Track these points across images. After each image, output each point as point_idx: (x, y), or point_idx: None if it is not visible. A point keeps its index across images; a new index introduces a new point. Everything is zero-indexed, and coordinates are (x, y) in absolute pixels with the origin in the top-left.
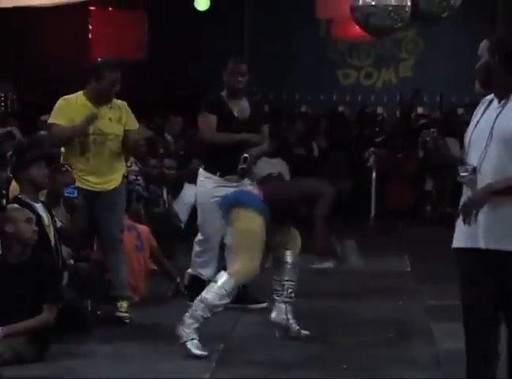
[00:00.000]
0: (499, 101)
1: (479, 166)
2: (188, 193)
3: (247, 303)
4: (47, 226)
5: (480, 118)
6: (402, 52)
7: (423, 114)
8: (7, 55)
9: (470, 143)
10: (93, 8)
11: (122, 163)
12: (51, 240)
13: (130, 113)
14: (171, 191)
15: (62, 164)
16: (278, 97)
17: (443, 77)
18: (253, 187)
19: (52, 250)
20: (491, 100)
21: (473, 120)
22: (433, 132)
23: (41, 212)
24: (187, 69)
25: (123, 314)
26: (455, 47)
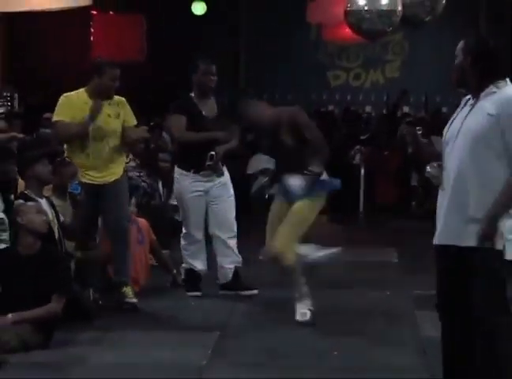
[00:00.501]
0: (473, 101)
1: (444, 163)
2: None
3: (240, 290)
4: (51, 220)
5: (456, 117)
6: (389, 54)
7: (409, 114)
8: (9, 58)
9: (444, 140)
10: (95, 12)
11: (123, 158)
12: (55, 234)
13: (129, 109)
14: (166, 184)
15: (65, 157)
16: (271, 97)
17: (428, 78)
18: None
19: (57, 244)
20: (469, 99)
21: (451, 118)
22: (418, 129)
23: (45, 208)
24: (186, 70)
25: (132, 300)
26: (439, 49)
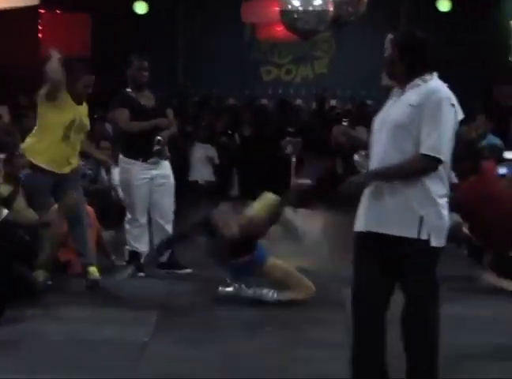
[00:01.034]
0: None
1: (370, 151)
2: None
3: (176, 269)
4: None
5: (384, 108)
6: (318, 51)
7: (336, 106)
8: None
9: (372, 130)
10: (42, 11)
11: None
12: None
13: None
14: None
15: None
16: (208, 91)
17: (354, 73)
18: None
19: None
20: (395, 91)
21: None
22: (345, 121)
23: None
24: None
25: (94, 277)
26: (363, 46)
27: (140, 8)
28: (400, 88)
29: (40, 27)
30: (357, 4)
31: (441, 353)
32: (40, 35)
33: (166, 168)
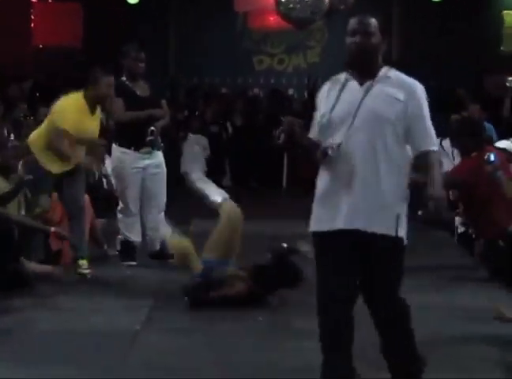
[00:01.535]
0: (360, 83)
1: (342, 146)
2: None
3: (167, 258)
4: None
5: (341, 97)
6: (311, 41)
7: None
8: None
9: (330, 120)
10: (34, 0)
11: None
12: None
13: None
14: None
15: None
16: (200, 81)
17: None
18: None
19: None
20: (345, 81)
21: (326, 101)
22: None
23: None
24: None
25: (84, 271)
26: None
27: None
28: (361, 79)
29: (32, 16)
30: None
31: (429, 341)
32: (32, 24)
33: (159, 158)
